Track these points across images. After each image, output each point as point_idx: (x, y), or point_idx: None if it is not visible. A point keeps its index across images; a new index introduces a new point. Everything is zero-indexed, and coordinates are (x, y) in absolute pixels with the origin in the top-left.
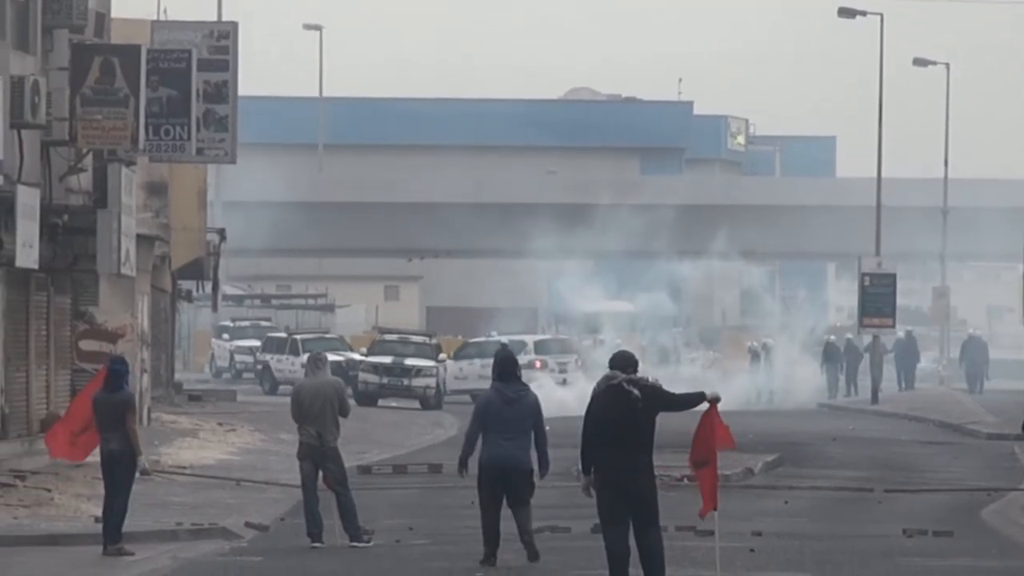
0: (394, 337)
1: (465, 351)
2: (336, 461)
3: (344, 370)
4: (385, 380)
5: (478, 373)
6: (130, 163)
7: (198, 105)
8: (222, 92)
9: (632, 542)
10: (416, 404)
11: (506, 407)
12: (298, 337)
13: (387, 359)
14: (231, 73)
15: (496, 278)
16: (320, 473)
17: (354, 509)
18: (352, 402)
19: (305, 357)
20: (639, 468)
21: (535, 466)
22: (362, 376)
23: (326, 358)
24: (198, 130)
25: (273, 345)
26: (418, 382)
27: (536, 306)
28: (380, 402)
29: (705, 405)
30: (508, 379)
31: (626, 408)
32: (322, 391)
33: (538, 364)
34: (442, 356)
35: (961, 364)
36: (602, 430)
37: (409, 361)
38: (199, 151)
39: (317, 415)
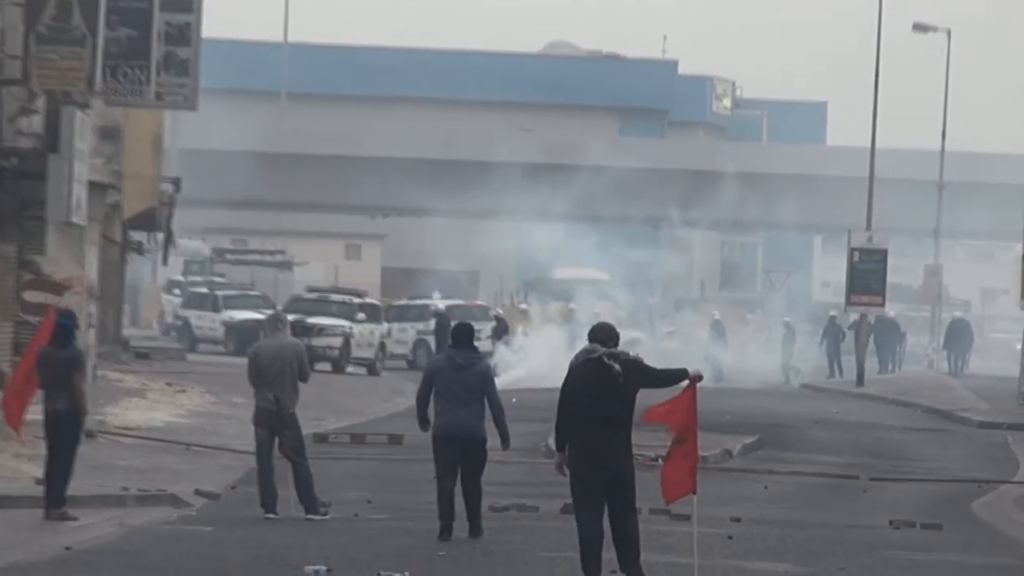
0: (313, 295)
1: (386, 315)
2: (294, 428)
3: None
4: None
5: (396, 338)
6: (84, 106)
7: (159, 47)
8: (184, 34)
9: (606, 525)
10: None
11: (455, 373)
12: (219, 294)
13: (290, 317)
14: (194, 14)
15: (463, 240)
16: (276, 441)
17: (311, 480)
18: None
19: (225, 315)
20: (617, 447)
21: (488, 436)
22: None
23: (286, 318)
24: (158, 74)
25: (194, 301)
26: (319, 342)
27: (478, 270)
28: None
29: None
30: (461, 346)
31: (606, 383)
32: (281, 353)
33: None
34: (361, 316)
35: (946, 347)
36: (579, 406)
37: (312, 320)
38: (158, 96)
39: (275, 378)
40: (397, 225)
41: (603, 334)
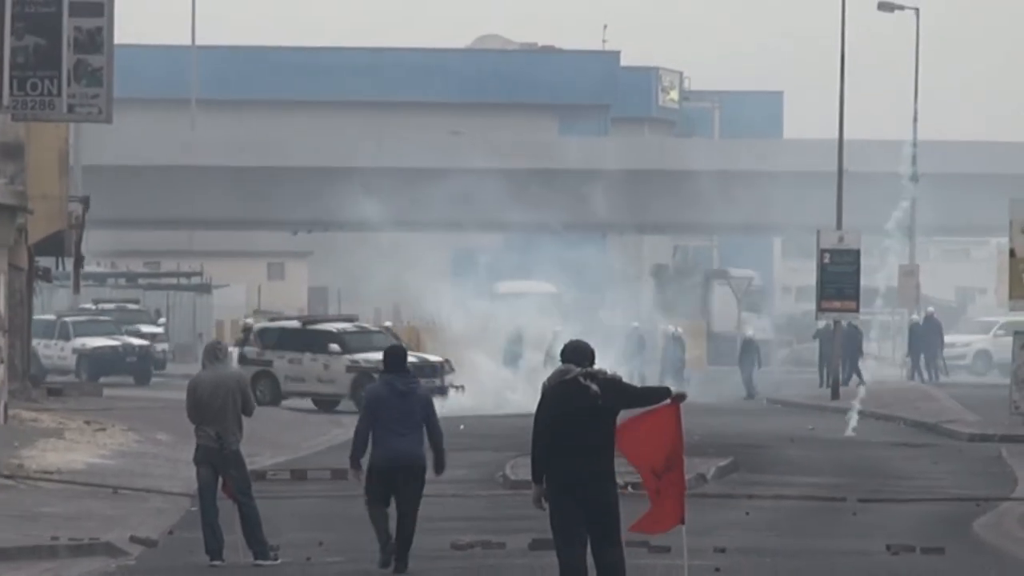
0: (352, 327)
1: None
2: (239, 466)
3: (120, 355)
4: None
5: None
6: None
7: (69, 55)
8: (96, 40)
9: (590, 560)
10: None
11: (397, 400)
12: (68, 320)
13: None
14: (106, 18)
15: (395, 253)
16: (220, 480)
17: (259, 521)
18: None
19: (76, 343)
20: (599, 476)
21: (428, 463)
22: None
23: (226, 348)
24: (69, 84)
25: (40, 329)
26: (448, 379)
27: (326, 286)
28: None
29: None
30: (398, 370)
31: (584, 406)
32: (223, 384)
33: None
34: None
35: (911, 352)
36: (556, 432)
37: (431, 357)
38: (70, 108)
39: (217, 413)
40: (324, 240)
41: (577, 354)
